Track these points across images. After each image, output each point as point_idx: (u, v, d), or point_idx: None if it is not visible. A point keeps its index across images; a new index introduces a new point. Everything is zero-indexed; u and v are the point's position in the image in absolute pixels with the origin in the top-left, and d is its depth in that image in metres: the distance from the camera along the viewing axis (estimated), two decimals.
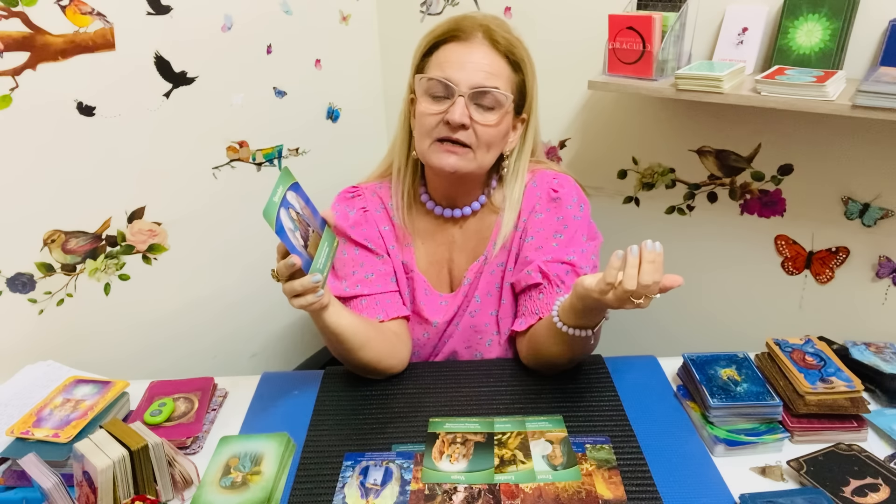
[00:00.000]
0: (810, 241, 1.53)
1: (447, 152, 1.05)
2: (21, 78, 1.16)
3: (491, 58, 1.05)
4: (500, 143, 1.09)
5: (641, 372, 1.15)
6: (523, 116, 1.12)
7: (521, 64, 1.08)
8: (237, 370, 1.69)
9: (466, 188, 1.15)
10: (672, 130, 1.58)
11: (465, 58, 1.04)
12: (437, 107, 1.04)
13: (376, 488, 0.90)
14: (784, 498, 0.84)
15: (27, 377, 1.16)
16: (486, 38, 1.05)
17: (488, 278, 1.18)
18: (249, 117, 1.53)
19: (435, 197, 1.17)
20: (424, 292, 1.18)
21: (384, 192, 1.18)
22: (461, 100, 1.02)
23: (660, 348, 1.25)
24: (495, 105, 1.04)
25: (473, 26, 1.05)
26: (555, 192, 1.14)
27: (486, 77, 1.03)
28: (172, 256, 1.47)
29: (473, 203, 1.16)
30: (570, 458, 0.93)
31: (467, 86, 1.02)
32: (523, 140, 1.14)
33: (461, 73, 1.03)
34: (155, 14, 1.31)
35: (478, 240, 1.19)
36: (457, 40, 1.05)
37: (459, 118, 1.01)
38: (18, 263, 1.25)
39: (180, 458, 0.93)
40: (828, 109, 1.19)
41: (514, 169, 1.14)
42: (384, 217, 1.18)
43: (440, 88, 1.04)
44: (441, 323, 1.18)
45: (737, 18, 1.39)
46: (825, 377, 0.99)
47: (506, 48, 1.06)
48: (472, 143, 1.04)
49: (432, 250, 1.19)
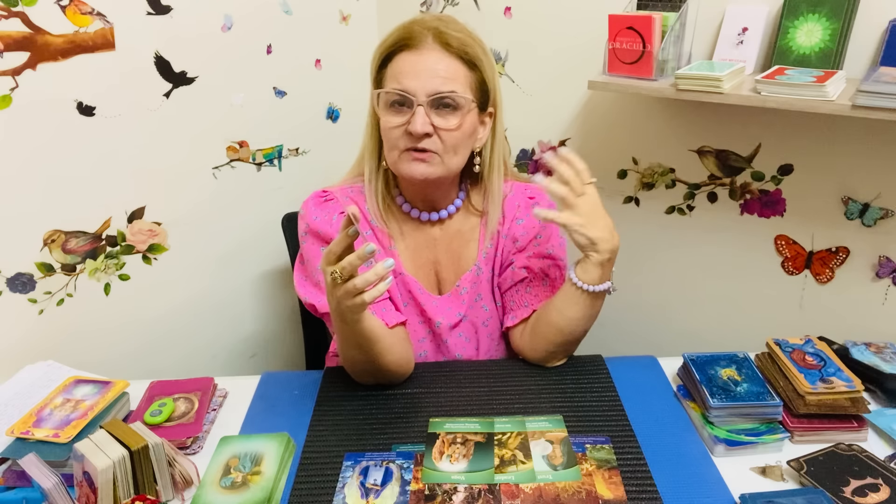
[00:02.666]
0: (810, 241, 1.53)
1: (416, 161, 1.04)
2: (21, 78, 1.16)
3: (445, 61, 1.03)
4: (468, 143, 1.09)
5: (641, 372, 1.15)
6: (490, 111, 1.12)
7: (477, 61, 1.06)
8: (237, 370, 1.69)
9: (442, 191, 1.14)
10: (672, 130, 1.58)
11: (418, 66, 1.02)
12: (398, 118, 1.03)
13: (376, 488, 0.90)
14: (784, 498, 0.84)
15: (27, 377, 1.16)
16: (437, 42, 1.03)
17: (486, 285, 1.18)
18: (249, 117, 1.53)
19: (411, 201, 1.17)
20: (419, 292, 1.18)
21: (357, 195, 1.17)
22: (420, 109, 1.01)
23: (660, 348, 1.25)
24: (455, 108, 1.03)
25: (422, 31, 1.03)
26: (531, 198, 1.18)
27: (443, 82, 1.02)
28: (172, 256, 1.47)
29: (450, 206, 1.16)
30: (570, 458, 0.93)
31: (424, 94, 1.01)
32: (494, 134, 1.13)
33: (416, 82, 1.01)
34: (155, 14, 1.31)
35: (461, 242, 1.18)
36: (408, 48, 1.03)
37: (422, 128, 1.01)
38: (18, 263, 1.25)
39: (180, 458, 0.93)
40: (828, 109, 1.19)
41: (490, 163, 1.14)
42: (363, 223, 1.16)
43: (398, 100, 1.03)
44: (444, 325, 1.18)
45: (737, 18, 1.39)
46: (825, 377, 0.99)
47: (458, 48, 1.04)
48: (439, 149, 1.04)
49: (416, 253, 1.18)
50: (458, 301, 1.18)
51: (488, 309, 1.19)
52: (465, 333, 1.20)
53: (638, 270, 1.76)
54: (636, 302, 1.80)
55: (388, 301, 1.15)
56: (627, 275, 1.78)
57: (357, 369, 1.09)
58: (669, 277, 1.73)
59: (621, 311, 1.82)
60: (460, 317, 1.18)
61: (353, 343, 1.02)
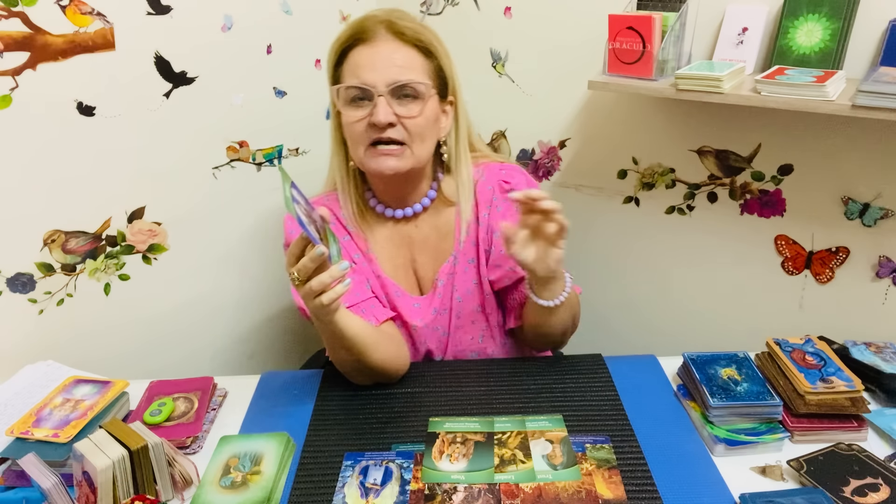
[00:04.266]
0: (810, 241, 1.53)
1: (383, 156, 1.05)
2: (21, 78, 1.16)
3: (400, 51, 1.05)
4: (433, 131, 1.10)
5: (641, 371, 1.15)
6: (450, 99, 1.13)
7: (432, 48, 1.07)
8: (237, 370, 1.69)
9: (412, 184, 1.15)
10: (672, 130, 1.58)
11: (374, 57, 1.04)
12: (360, 112, 1.04)
13: (376, 488, 0.90)
14: (784, 498, 0.84)
15: (27, 377, 1.16)
16: (391, 32, 1.05)
17: (463, 276, 1.18)
18: (249, 117, 1.53)
19: (384, 200, 1.17)
20: (396, 295, 1.17)
21: (332, 203, 1.17)
22: (381, 99, 1.02)
23: (660, 348, 1.25)
24: (416, 96, 1.05)
25: (375, 24, 1.05)
26: (506, 183, 1.16)
27: (400, 71, 1.03)
28: (172, 256, 1.47)
29: (423, 199, 1.17)
30: (570, 458, 0.93)
31: (384, 84, 1.02)
32: (456, 122, 1.14)
33: (374, 74, 1.02)
34: (155, 14, 1.30)
35: (438, 237, 1.18)
36: (362, 42, 1.05)
37: (384, 118, 1.02)
38: (18, 263, 1.25)
39: (180, 457, 0.93)
40: (828, 109, 1.19)
41: (456, 153, 1.15)
42: (339, 228, 1.17)
43: (359, 94, 1.04)
44: (420, 328, 1.18)
45: (737, 18, 1.39)
46: (825, 377, 0.99)
47: (413, 37, 1.05)
48: (405, 139, 1.05)
49: (393, 254, 1.18)
50: (435, 295, 1.18)
51: (462, 300, 1.19)
52: (441, 327, 1.20)
53: (638, 270, 1.76)
54: (636, 302, 1.80)
55: (375, 299, 1.15)
56: (627, 274, 1.79)
57: (347, 369, 1.09)
58: (669, 277, 1.73)
59: (621, 310, 1.83)
60: (435, 312, 1.18)
61: (337, 343, 1.02)
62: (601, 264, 1.80)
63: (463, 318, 1.19)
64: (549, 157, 1.75)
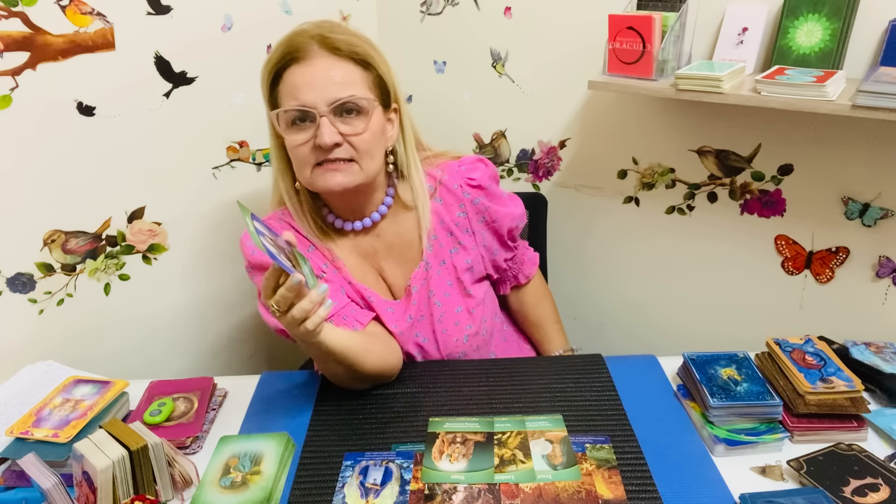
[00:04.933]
0: (810, 241, 1.53)
1: (331, 172, 1.02)
2: (21, 78, 1.16)
3: (337, 67, 1.01)
4: (381, 144, 1.07)
5: (641, 371, 1.15)
6: (394, 107, 1.10)
7: (369, 59, 1.04)
8: (237, 370, 1.69)
9: (365, 196, 1.12)
10: (672, 130, 1.58)
11: (310, 77, 0.99)
12: (303, 135, 1.01)
13: (376, 488, 0.90)
14: (784, 498, 0.84)
15: (27, 377, 1.16)
16: (325, 48, 1.01)
17: (437, 280, 1.16)
18: (249, 117, 1.53)
19: (340, 214, 1.14)
20: (370, 299, 1.15)
21: (289, 217, 1.14)
22: (324, 120, 0.99)
23: (660, 348, 1.25)
24: (360, 111, 1.02)
25: (307, 40, 1.00)
26: (471, 179, 1.16)
27: (340, 88, 1.00)
28: (172, 256, 1.47)
29: (380, 207, 1.14)
30: (569, 458, 0.93)
31: (325, 104, 0.99)
32: (402, 129, 1.12)
33: (313, 94, 0.99)
34: (155, 14, 1.31)
35: (402, 243, 1.16)
36: (296, 62, 1.01)
37: (329, 139, 0.98)
38: (18, 263, 1.25)
39: (180, 458, 0.93)
40: (828, 109, 1.19)
41: (407, 160, 1.13)
42: (303, 241, 1.13)
43: (300, 116, 1.01)
44: (396, 333, 1.16)
45: (737, 18, 1.39)
46: (825, 377, 0.99)
47: (348, 51, 1.02)
48: (353, 156, 1.02)
49: (358, 265, 1.16)
50: (410, 302, 1.16)
51: (441, 304, 1.17)
52: (422, 334, 1.18)
53: (638, 270, 1.76)
54: (636, 302, 1.80)
55: (353, 304, 1.13)
56: (627, 274, 1.79)
57: (341, 380, 1.08)
58: (669, 277, 1.73)
59: (621, 310, 1.83)
60: (411, 320, 1.16)
61: (327, 359, 1.01)
62: (601, 264, 1.80)
63: (445, 321, 1.18)
64: (549, 157, 1.75)
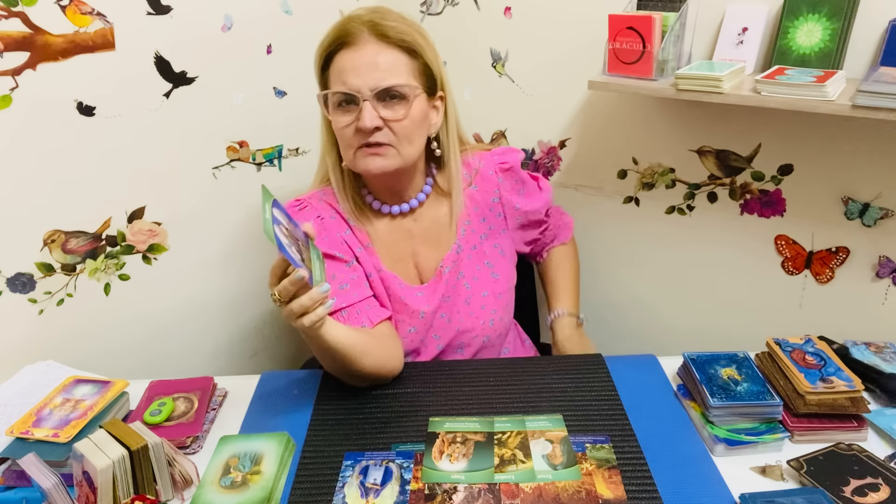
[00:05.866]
0: (810, 241, 1.53)
1: (371, 155, 1.05)
2: (21, 78, 1.16)
3: (384, 53, 1.04)
4: (421, 130, 1.10)
5: (641, 371, 1.15)
6: (440, 94, 1.12)
7: (416, 47, 1.07)
8: (237, 370, 1.69)
9: (406, 181, 1.15)
10: (672, 130, 1.58)
11: (358, 62, 1.03)
12: (347, 117, 1.05)
13: (376, 488, 0.90)
14: (784, 498, 0.84)
15: (27, 377, 1.16)
16: (374, 34, 1.04)
17: (468, 263, 1.19)
18: (249, 117, 1.53)
19: (380, 196, 1.18)
20: (399, 286, 1.18)
21: (330, 197, 1.17)
22: (367, 104, 1.02)
23: (660, 348, 1.25)
24: (402, 98, 1.05)
25: (358, 27, 1.04)
26: (503, 164, 1.22)
27: (384, 75, 1.03)
28: (172, 256, 1.47)
29: (419, 194, 1.17)
30: (570, 458, 0.93)
31: (368, 89, 1.02)
32: (446, 117, 1.15)
33: (359, 79, 1.02)
34: (155, 14, 1.31)
35: (438, 228, 1.19)
36: (346, 46, 1.04)
37: (370, 123, 1.02)
38: (18, 263, 1.25)
39: (180, 457, 0.93)
40: (828, 109, 1.19)
41: (447, 147, 1.16)
42: (340, 222, 1.16)
43: (345, 99, 1.04)
44: (428, 313, 1.18)
45: (737, 18, 1.39)
46: (825, 377, 0.99)
47: (397, 38, 1.05)
48: (392, 141, 1.05)
49: (392, 249, 1.19)
50: (441, 282, 1.19)
51: (469, 287, 1.20)
52: (446, 314, 1.20)
53: (638, 270, 1.76)
54: (636, 301, 1.80)
55: (373, 299, 1.15)
56: (627, 274, 1.78)
57: (337, 374, 1.09)
58: (669, 277, 1.73)
59: (621, 310, 1.82)
60: (441, 299, 1.19)
61: (325, 356, 1.03)
62: (601, 264, 1.80)
63: (473, 303, 1.20)
64: (549, 157, 1.75)
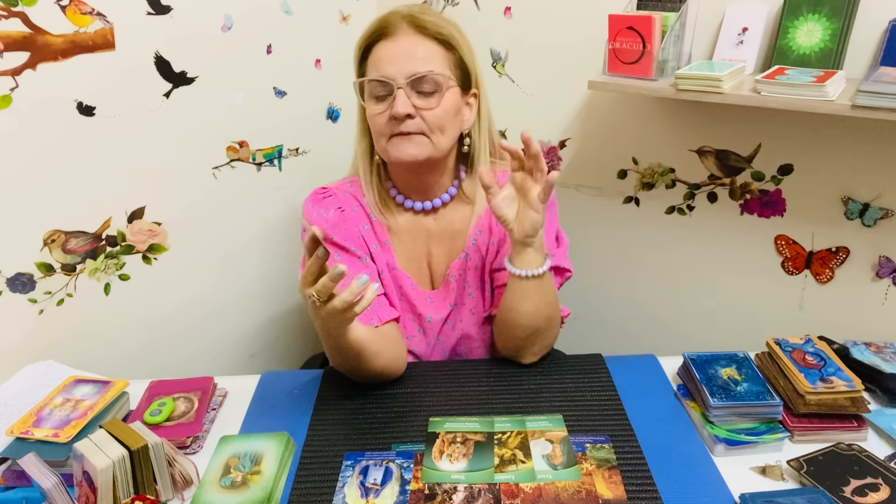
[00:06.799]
0: (810, 241, 1.53)
1: (404, 142, 1.06)
2: (21, 78, 1.16)
3: (421, 44, 1.06)
4: (454, 123, 1.10)
5: (641, 371, 1.15)
6: (474, 91, 1.13)
7: (453, 41, 1.09)
8: (237, 370, 1.69)
9: (434, 177, 1.15)
10: (672, 130, 1.58)
11: (395, 51, 1.06)
12: (381, 106, 1.06)
13: (376, 488, 0.90)
14: (784, 498, 0.84)
15: (27, 377, 1.16)
16: (412, 26, 1.06)
17: (474, 273, 1.19)
18: (249, 117, 1.53)
19: (405, 192, 1.18)
20: (410, 287, 1.18)
21: (356, 189, 1.19)
22: (401, 92, 1.04)
23: (660, 348, 1.25)
24: (436, 88, 1.06)
25: (397, 19, 1.07)
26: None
27: (420, 63, 1.05)
28: (172, 256, 1.47)
29: (443, 194, 1.17)
30: (570, 458, 0.93)
31: (403, 76, 1.04)
32: (479, 116, 1.15)
33: (394, 67, 1.04)
34: (155, 14, 1.30)
35: (453, 232, 1.19)
36: (385, 38, 1.07)
37: (403, 109, 1.03)
38: (18, 263, 1.25)
39: (180, 457, 0.93)
40: (828, 109, 1.19)
41: (478, 149, 1.16)
42: (362, 216, 1.17)
43: (380, 87, 1.06)
44: (435, 320, 1.18)
45: (737, 18, 1.39)
46: (825, 377, 0.99)
47: (434, 30, 1.07)
48: (424, 130, 1.06)
49: (409, 246, 1.19)
50: (448, 291, 1.19)
51: (475, 296, 1.20)
52: (452, 321, 1.20)
53: (638, 270, 1.76)
54: (636, 302, 1.80)
55: (383, 297, 1.16)
56: (627, 274, 1.79)
57: (345, 370, 1.10)
58: (669, 277, 1.73)
59: (621, 310, 1.83)
60: (450, 308, 1.19)
61: (340, 353, 1.03)
62: (601, 264, 1.80)
63: (477, 314, 1.20)
64: (549, 157, 1.75)
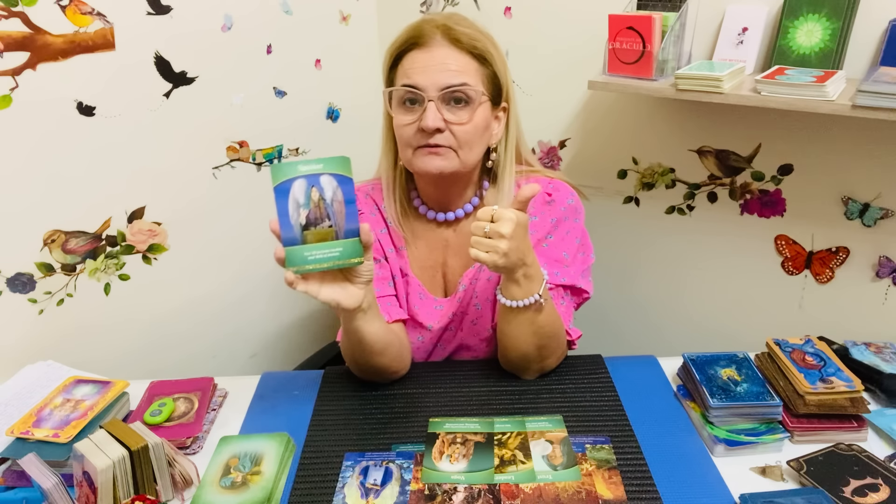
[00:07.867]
0: (810, 241, 1.53)
1: (430, 155, 1.04)
2: (21, 78, 1.16)
3: (454, 56, 1.04)
4: (483, 138, 1.08)
5: (641, 372, 1.15)
6: (504, 106, 1.11)
7: (487, 55, 1.06)
8: (237, 370, 1.69)
9: (457, 189, 1.14)
10: (672, 130, 1.58)
11: (428, 62, 1.03)
12: (410, 116, 1.04)
13: (376, 488, 0.90)
14: (784, 498, 0.84)
15: (27, 377, 1.16)
16: (446, 38, 1.04)
17: (485, 284, 1.17)
18: (249, 117, 1.53)
19: (427, 201, 1.17)
20: (419, 296, 1.18)
21: (377, 193, 1.18)
22: (431, 104, 1.01)
23: (660, 348, 1.25)
24: (467, 101, 1.04)
25: (431, 29, 1.04)
26: (549, 195, 1.14)
27: (453, 76, 1.02)
28: (172, 256, 1.47)
29: (466, 205, 1.16)
30: (570, 458, 0.93)
31: (435, 88, 1.02)
32: (507, 130, 1.13)
33: (426, 78, 1.02)
34: (155, 14, 1.30)
35: None
36: (418, 47, 1.04)
37: (433, 123, 1.01)
38: (18, 263, 1.25)
39: (180, 458, 0.93)
40: (828, 109, 1.19)
41: (504, 163, 1.13)
42: (379, 220, 1.17)
43: (410, 96, 1.04)
44: (437, 328, 1.18)
45: (737, 18, 1.39)
46: (825, 377, 0.99)
47: (468, 44, 1.04)
48: (452, 145, 1.04)
49: (425, 255, 1.18)
50: (455, 299, 1.18)
51: (480, 308, 1.18)
52: (453, 328, 1.20)
53: (638, 270, 1.76)
54: (636, 302, 1.80)
55: (394, 297, 1.16)
56: (627, 274, 1.79)
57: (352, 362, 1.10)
58: (669, 277, 1.73)
59: (621, 311, 1.83)
60: (451, 317, 1.18)
61: (347, 339, 1.04)
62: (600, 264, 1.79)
63: (480, 326, 1.18)
64: (549, 157, 1.75)
